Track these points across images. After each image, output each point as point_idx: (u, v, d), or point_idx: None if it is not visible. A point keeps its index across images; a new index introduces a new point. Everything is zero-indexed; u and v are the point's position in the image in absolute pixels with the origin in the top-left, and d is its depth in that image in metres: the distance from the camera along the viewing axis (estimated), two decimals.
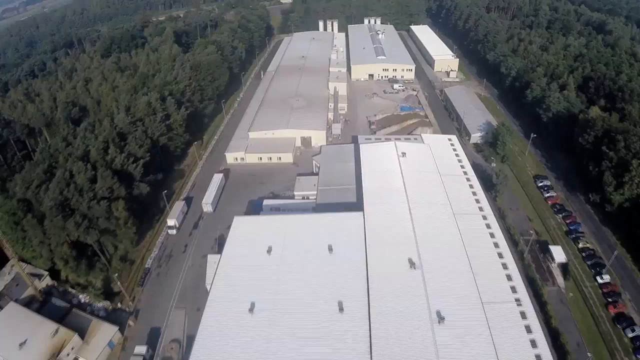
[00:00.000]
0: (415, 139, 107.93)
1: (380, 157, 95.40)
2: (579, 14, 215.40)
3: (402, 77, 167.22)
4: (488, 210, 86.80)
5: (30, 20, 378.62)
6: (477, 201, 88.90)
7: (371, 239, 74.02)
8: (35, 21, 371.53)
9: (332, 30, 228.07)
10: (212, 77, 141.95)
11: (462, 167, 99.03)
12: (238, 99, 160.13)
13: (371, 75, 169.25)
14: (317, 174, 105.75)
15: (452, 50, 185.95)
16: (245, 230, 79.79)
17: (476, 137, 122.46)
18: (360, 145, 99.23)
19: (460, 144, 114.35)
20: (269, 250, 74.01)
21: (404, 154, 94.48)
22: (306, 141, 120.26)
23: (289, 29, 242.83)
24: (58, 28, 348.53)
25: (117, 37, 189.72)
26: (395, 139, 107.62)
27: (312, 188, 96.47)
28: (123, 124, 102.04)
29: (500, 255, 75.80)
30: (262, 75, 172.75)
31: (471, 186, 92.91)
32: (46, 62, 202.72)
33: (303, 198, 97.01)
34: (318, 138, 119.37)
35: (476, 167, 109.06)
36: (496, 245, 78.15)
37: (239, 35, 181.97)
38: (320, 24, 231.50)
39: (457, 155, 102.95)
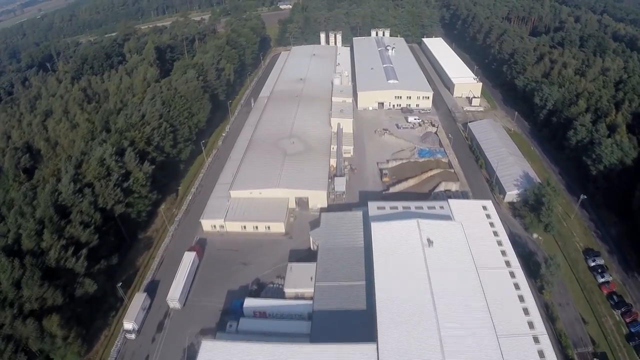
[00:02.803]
0: (442, 207, 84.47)
1: (399, 245, 72.12)
2: (603, 25, 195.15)
3: (417, 105, 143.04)
4: (540, 327, 64.30)
5: (17, 27, 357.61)
6: (526, 311, 66.18)
7: None
8: (23, 28, 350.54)
9: (335, 43, 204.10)
10: (190, 112, 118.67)
11: (504, 252, 75.73)
12: (224, 134, 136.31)
13: (381, 104, 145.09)
14: (314, 250, 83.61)
15: (472, 70, 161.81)
16: None
17: (512, 195, 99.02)
18: (372, 225, 75.91)
19: (495, 204, 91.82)
20: None
21: (430, 241, 71.28)
22: (302, 202, 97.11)
23: (287, 40, 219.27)
24: (46, 36, 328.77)
25: (89, 57, 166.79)
26: (417, 207, 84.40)
27: (307, 283, 73.59)
28: (66, 194, 79.51)
29: None
30: (252, 103, 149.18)
31: (517, 286, 69.88)
32: (15, 84, 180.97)
33: (296, 296, 74.26)
34: (317, 199, 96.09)
35: (514, 239, 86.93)
36: None
37: (226, 53, 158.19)
38: (322, 36, 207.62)
39: (495, 233, 79.48)
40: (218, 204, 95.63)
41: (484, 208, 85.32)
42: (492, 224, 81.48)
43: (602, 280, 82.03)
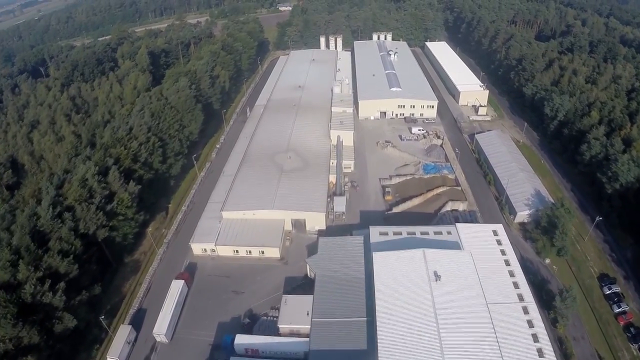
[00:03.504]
0: (449, 232, 78.40)
1: (403, 278, 66.25)
2: (610, 28, 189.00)
3: (421, 114, 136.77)
4: None
5: (14, 28, 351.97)
6: (541, 352, 60.31)
7: None
8: (19, 30, 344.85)
9: (336, 47, 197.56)
10: (181, 124, 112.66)
11: (516, 284, 69.70)
12: (218, 145, 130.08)
13: (383, 113, 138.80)
14: (311, 277, 77.91)
15: (478, 77, 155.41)
16: None
17: (523, 215, 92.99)
18: (374, 255, 69.99)
19: (505, 226, 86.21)
20: None
21: (437, 276, 65.38)
22: (299, 223, 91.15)
23: (286, 44, 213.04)
24: (42, 38, 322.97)
25: (80, 62, 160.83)
26: (422, 233, 78.34)
27: (303, 319, 67.70)
28: (45, 219, 73.80)
29: None
30: (248, 112, 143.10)
31: (530, 323, 63.94)
32: (4, 90, 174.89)
33: (291, 332, 68.45)
34: (315, 220, 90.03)
35: (525, 264, 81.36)
36: None
37: (221, 59, 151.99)
38: (322, 40, 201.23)
39: (507, 262, 73.45)
40: (209, 225, 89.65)
41: (495, 233, 79.26)
42: (503, 252, 75.51)
43: (618, 310, 76.84)
